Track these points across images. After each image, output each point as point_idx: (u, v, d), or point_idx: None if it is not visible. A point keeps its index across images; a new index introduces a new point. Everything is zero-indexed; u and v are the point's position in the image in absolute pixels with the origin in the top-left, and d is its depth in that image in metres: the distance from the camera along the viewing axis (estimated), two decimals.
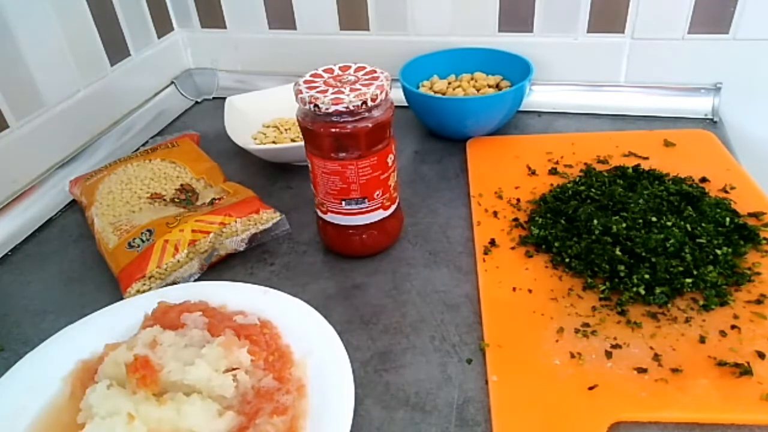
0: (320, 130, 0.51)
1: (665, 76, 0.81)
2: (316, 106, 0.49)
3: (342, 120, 0.50)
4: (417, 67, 0.82)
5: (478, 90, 0.80)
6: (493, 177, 0.69)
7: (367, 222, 0.56)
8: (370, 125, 0.51)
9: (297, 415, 0.41)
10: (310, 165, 0.55)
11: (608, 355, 0.46)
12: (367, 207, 0.55)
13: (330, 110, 0.49)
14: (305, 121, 0.52)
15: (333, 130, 0.50)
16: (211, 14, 0.95)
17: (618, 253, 0.53)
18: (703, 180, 0.65)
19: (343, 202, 0.55)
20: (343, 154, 0.52)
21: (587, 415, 0.41)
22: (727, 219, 0.56)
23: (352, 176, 0.53)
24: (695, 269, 0.51)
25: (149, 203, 0.64)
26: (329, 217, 0.57)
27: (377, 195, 0.55)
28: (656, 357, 0.45)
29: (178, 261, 0.56)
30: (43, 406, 0.44)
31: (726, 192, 0.63)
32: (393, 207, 0.58)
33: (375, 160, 0.53)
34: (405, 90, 0.76)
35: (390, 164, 0.55)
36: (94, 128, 0.82)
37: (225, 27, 0.96)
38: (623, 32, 0.79)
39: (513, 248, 0.58)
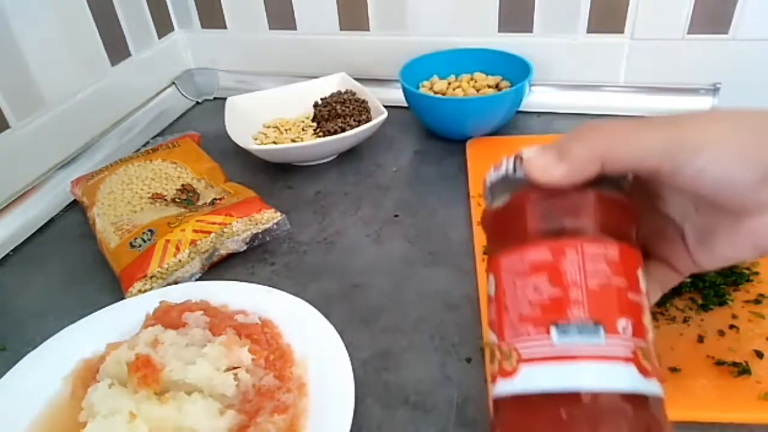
0: (527, 196, 0.32)
1: (665, 77, 0.81)
2: (519, 158, 0.33)
3: None
4: (417, 68, 0.82)
5: (477, 90, 0.80)
6: None
7: (601, 385, 0.27)
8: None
9: (297, 413, 0.41)
10: (492, 285, 0.32)
11: None
12: (603, 345, 0.28)
13: None
14: (499, 196, 0.33)
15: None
16: (211, 14, 0.95)
17: None
18: None
19: (554, 331, 0.28)
20: (559, 228, 0.30)
21: None
22: None
23: (572, 272, 0.29)
24: None
25: (150, 203, 0.64)
26: (519, 381, 0.29)
27: (621, 327, 0.28)
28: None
29: (180, 261, 0.56)
30: (45, 405, 0.44)
31: None
32: (654, 380, 0.29)
33: (616, 253, 0.30)
34: (405, 90, 0.77)
35: (639, 283, 0.30)
36: (94, 128, 0.82)
37: (225, 27, 0.96)
38: (623, 32, 0.80)
39: None
